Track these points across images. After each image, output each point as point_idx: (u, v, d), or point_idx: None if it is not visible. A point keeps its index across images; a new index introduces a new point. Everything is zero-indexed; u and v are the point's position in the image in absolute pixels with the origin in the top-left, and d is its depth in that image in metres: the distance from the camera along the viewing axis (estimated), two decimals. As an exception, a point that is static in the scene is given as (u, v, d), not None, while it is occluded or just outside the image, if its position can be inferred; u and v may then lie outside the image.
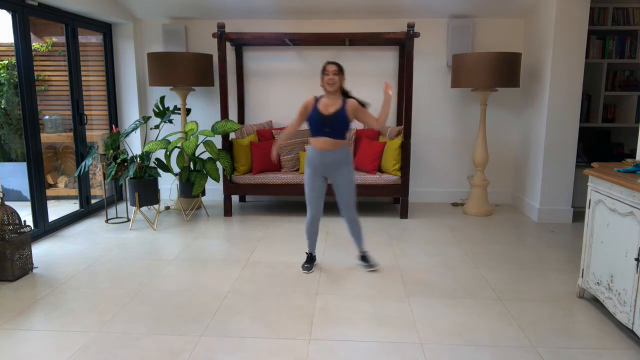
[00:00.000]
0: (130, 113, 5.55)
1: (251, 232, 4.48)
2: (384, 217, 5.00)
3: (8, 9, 3.90)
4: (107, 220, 4.84)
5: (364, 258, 3.58)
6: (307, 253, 3.63)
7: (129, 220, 4.89)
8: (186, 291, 3.19)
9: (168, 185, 5.81)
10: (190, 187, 4.87)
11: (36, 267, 3.58)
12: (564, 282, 3.36)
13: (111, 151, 4.68)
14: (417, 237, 4.35)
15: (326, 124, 3.25)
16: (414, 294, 3.14)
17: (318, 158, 3.31)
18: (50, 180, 5.83)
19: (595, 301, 3.04)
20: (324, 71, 3.33)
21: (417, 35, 4.62)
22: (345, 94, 3.40)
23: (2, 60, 5.56)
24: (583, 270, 3.04)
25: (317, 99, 3.36)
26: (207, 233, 4.48)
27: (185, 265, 3.67)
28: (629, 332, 2.65)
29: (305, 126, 5.53)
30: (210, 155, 4.97)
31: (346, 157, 3.34)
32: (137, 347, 2.50)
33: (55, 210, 4.93)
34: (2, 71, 5.52)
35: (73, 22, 4.73)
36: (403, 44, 5.19)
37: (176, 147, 4.78)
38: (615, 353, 2.46)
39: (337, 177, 3.35)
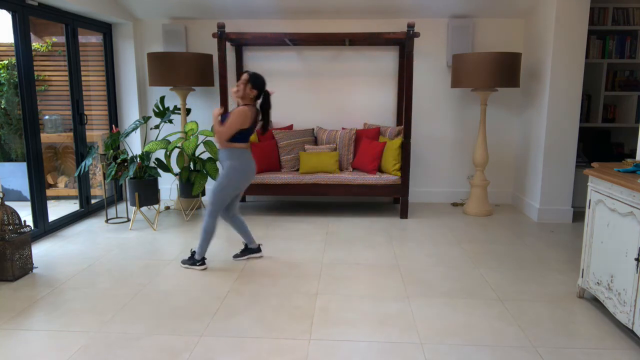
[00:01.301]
0: (130, 113, 5.56)
1: (251, 232, 4.48)
2: (384, 217, 5.00)
3: (8, 9, 3.90)
4: (107, 220, 4.84)
5: (190, 257, 3.60)
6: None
7: (129, 220, 4.89)
8: (186, 291, 3.19)
9: (168, 185, 5.81)
10: (190, 187, 4.87)
11: (36, 267, 3.58)
12: (564, 282, 3.36)
13: (111, 151, 4.68)
14: (417, 237, 4.35)
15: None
16: (414, 294, 3.14)
17: None
18: (50, 180, 5.83)
19: (595, 301, 3.04)
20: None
21: (417, 35, 4.62)
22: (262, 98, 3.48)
23: (2, 60, 5.56)
24: (583, 270, 3.04)
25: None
26: (207, 233, 4.48)
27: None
28: (629, 332, 2.65)
29: (303, 126, 5.55)
30: (210, 155, 4.97)
31: (225, 159, 3.44)
32: (137, 347, 2.50)
33: (55, 210, 4.93)
34: (2, 71, 5.53)
35: (73, 22, 4.73)
36: (403, 44, 5.19)
37: (176, 147, 4.78)
38: (615, 353, 2.46)
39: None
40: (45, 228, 4.36)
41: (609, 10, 4.92)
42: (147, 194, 4.59)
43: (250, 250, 3.77)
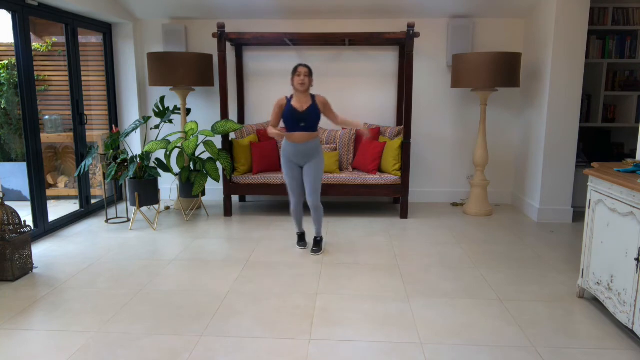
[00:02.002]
0: (130, 113, 5.55)
1: (251, 232, 4.48)
2: (384, 217, 5.00)
3: (8, 9, 3.90)
4: (107, 220, 4.84)
5: (316, 241, 3.96)
6: (297, 233, 4.06)
7: (129, 220, 4.89)
8: (186, 291, 3.19)
9: (168, 185, 5.81)
10: (190, 187, 4.87)
11: (36, 267, 3.58)
12: (564, 282, 3.36)
13: (111, 151, 4.68)
14: (417, 237, 4.35)
15: (301, 119, 3.63)
16: (414, 294, 3.14)
17: (292, 149, 3.69)
18: (50, 180, 5.83)
19: (595, 301, 3.04)
20: (295, 72, 3.63)
21: (417, 35, 4.62)
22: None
23: (2, 60, 5.56)
24: (583, 270, 3.04)
25: (288, 98, 3.71)
26: (207, 233, 4.48)
27: (185, 265, 3.67)
28: (629, 332, 2.65)
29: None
30: (210, 155, 4.97)
31: (317, 147, 3.73)
32: (137, 347, 2.50)
33: (55, 210, 4.93)
34: (2, 71, 5.53)
35: (73, 22, 4.73)
36: (403, 44, 5.19)
37: (176, 147, 4.78)
38: (615, 353, 2.46)
39: (308, 164, 3.72)
40: (45, 228, 4.36)
41: (609, 10, 4.91)
42: (147, 194, 4.59)
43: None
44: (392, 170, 4.86)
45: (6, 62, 5.55)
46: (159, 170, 4.87)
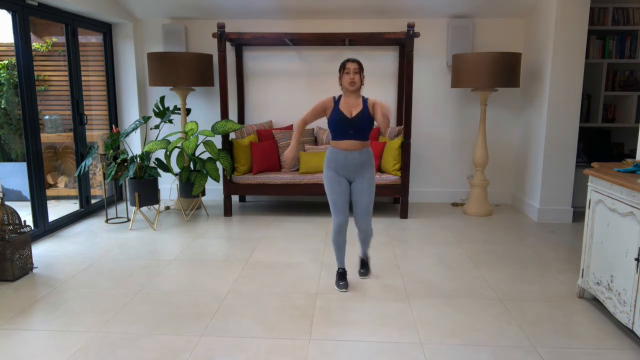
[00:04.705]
0: (130, 113, 5.55)
1: (251, 232, 4.48)
2: (384, 217, 5.00)
3: (8, 9, 3.90)
4: (107, 220, 4.84)
5: (363, 263, 3.47)
6: (337, 271, 3.29)
7: (129, 220, 4.89)
8: (186, 291, 3.19)
9: (168, 185, 5.80)
10: (190, 187, 4.87)
11: (36, 267, 3.58)
12: (564, 282, 3.36)
13: (111, 151, 4.68)
14: (417, 237, 4.35)
15: (351, 126, 3.05)
16: (414, 294, 3.14)
17: (342, 159, 3.09)
18: (50, 180, 5.82)
19: (595, 301, 3.04)
20: (343, 69, 3.07)
21: (417, 35, 4.62)
22: None
23: (2, 60, 5.56)
24: (583, 270, 3.04)
25: (336, 100, 3.12)
26: (207, 233, 4.48)
27: (185, 265, 3.67)
28: (629, 332, 2.65)
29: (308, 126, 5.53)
30: (210, 155, 4.97)
31: (370, 159, 3.16)
32: (137, 347, 2.50)
33: (55, 210, 4.92)
34: (2, 71, 5.52)
35: (73, 22, 4.73)
36: (403, 44, 5.19)
37: (176, 147, 4.78)
38: (615, 353, 2.46)
39: (359, 179, 3.14)
40: (45, 228, 4.36)
41: (609, 10, 4.91)
42: (147, 194, 4.59)
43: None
44: (392, 170, 4.86)
45: (6, 62, 5.55)
46: (159, 170, 4.87)
